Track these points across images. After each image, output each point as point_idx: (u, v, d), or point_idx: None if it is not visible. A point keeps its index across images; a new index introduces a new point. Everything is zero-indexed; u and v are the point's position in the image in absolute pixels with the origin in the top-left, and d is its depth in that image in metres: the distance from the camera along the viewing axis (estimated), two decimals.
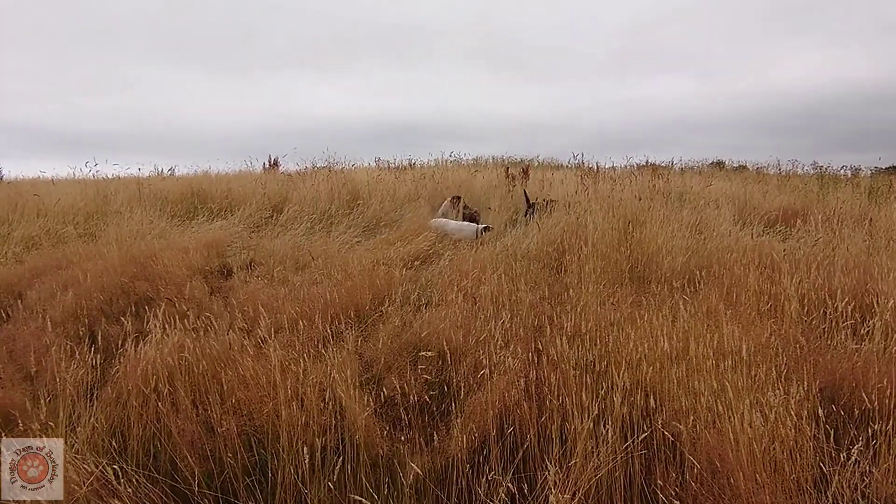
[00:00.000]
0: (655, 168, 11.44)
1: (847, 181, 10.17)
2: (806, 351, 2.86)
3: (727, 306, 3.35)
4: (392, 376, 2.63)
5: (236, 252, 5.32)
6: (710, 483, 2.03)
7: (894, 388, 2.35)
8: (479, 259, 4.53)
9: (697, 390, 2.32)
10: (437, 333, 2.99)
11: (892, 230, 5.91)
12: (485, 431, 2.31)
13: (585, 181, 7.64)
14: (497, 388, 2.45)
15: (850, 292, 3.60)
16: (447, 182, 8.95)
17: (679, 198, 7.98)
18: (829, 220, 6.63)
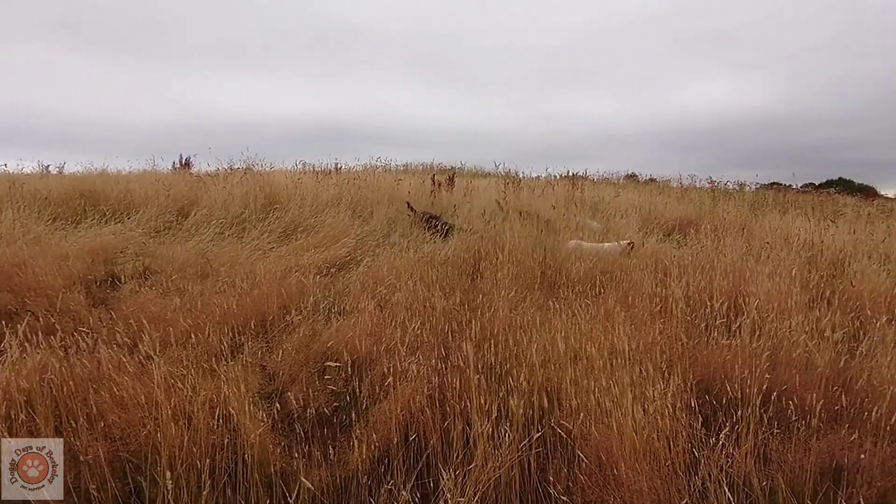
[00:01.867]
0: (574, 179, 12.07)
1: (734, 195, 11.33)
2: (686, 347, 3.13)
3: (623, 308, 3.60)
4: (295, 388, 2.56)
5: (129, 259, 4.85)
6: (597, 475, 2.16)
7: (754, 378, 2.64)
8: (396, 266, 4.50)
9: (589, 389, 2.46)
10: (346, 342, 2.93)
11: (764, 238, 6.68)
12: (388, 440, 2.30)
13: (506, 190, 7.87)
14: (402, 395, 2.45)
15: (726, 293, 4.03)
16: (372, 188, 8.82)
17: (592, 207, 8.48)
18: (716, 229, 7.39)
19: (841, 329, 3.53)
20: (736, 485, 2.27)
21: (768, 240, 6.45)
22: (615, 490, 2.10)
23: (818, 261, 5.76)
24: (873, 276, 5.07)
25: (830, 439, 2.39)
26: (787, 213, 9.08)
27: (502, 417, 2.34)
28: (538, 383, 2.54)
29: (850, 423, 2.52)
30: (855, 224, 8.40)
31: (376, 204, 7.72)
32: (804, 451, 2.33)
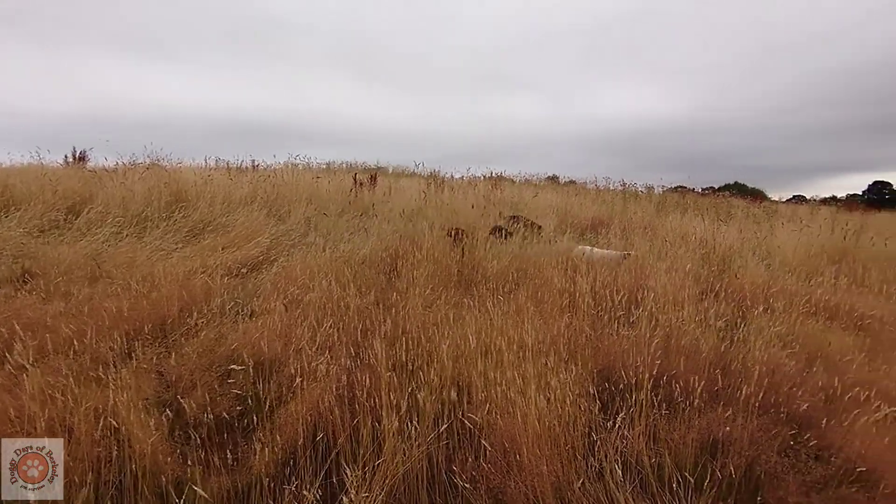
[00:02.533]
0: (496, 180, 12.41)
1: (642, 197, 12.20)
2: (590, 339, 3.34)
3: (534, 304, 3.76)
4: (196, 394, 2.44)
5: (4, 261, 4.35)
6: (501, 462, 2.26)
7: (647, 365, 2.86)
8: (311, 265, 4.40)
9: (497, 381, 2.56)
10: (254, 344, 2.85)
11: (665, 236, 7.28)
12: (294, 442, 2.27)
13: (427, 190, 7.92)
14: (310, 396, 2.42)
15: (628, 288, 4.34)
16: (290, 186, 8.54)
17: (512, 207, 8.75)
18: (625, 228, 7.93)
19: (724, 318, 3.94)
20: (629, 464, 2.47)
21: (669, 238, 7.03)
22: (517, 475, 2.20)
23: (710, 257, 6.36)
24: (754, 270, 5.68)
25: (709, 416, 2.65)
26: (686, 214, 9.93)
27: (412, 413, 2.37)
28: (449, 378, 2.61)
29: (726, 401, 2.80)
30: (743, 224, 9.39)
31: (294, 202, 7.50)
32: (687, 428, 2.57)
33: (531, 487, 2.18)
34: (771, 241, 7.51)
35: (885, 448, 2.36)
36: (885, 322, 4.24)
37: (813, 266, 6.16)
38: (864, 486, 2.25)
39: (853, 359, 3.37)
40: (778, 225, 9.34)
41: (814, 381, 3.02)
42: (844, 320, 4.31)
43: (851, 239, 7.42)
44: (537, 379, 2.60)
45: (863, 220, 11.41)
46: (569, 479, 2.29)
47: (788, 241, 7.35)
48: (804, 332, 3.86)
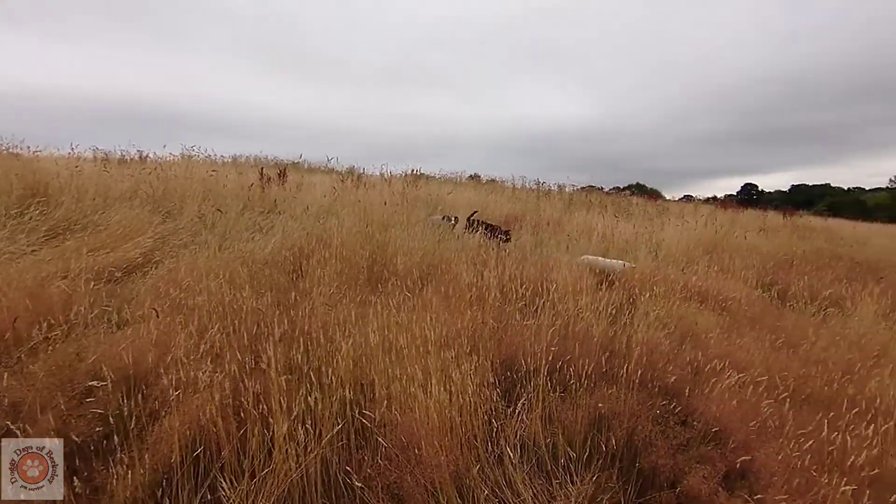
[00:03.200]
0: (416, 177, 12.50)
1: (554, 195, 12.95)
2: (494, 331, 3.53)
3: (442, 299, 3.90)
4: (43, 419, 2.17)
5: None
6: (399, 458, 2.27)
7: (544, 352, 3.10)
8: (201, 266, 4.08)
9: (397, 377, 2.59)
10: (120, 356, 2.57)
11: (571, 231, 7.83)
12: (169, 460, 2.11)
13: (341, 186, 7.81)
14: (189, 408, 2.26)
15: (533, 280, 4.64)
16: (182, 180, 7.78)
17: (428, 204, 8.90)
18: (536, 224, 8.39)
19: (615, 305, 4.35)
20: (527, 446, 2.62)
21: (574, 233, 7.57)
22: (416, 468, 2.23)
23: (609, 249, 6.95)
24: (644, 262, 6.30)
25: (596, 395, 2.93)
26: (591, 211, 10.71)
27: (305, 416, 2.30)
28: (350, 378, 2.57)
29: (611, 380, 3.12)
30: (638, 220, 10.30)
31: (187, 198, 6.88)
32: (577, 408, 2.82)
33: (430, 479, 2.21)
34: (660, 235, 8.34)
35: (733, 409, 2.75)
36: (743, 303, 4.90)
37: (691, 256, 6.95)
38: (718, 444, 2.62)
39: (715, 335, 3.90)
40: (667, 221, 10.38)
41: (683, 356, 3.44)
42: (712, 303, 4.92)
43: (721, 233, 8.46)
44: (439, 372, 2.64)
45: (733, 216, 13.08)
46: (468, 467, 2.35)
47: (673, 236, 8.21)
48: (679, 314, 4.36)
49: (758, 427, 2.64)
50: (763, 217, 13.84)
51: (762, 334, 3.98)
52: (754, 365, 3.35)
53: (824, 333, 4.13)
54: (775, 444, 2.49)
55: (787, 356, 3.62)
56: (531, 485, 2.41)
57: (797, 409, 2.81)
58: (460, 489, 2.28)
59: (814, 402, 3.03)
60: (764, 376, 3.10)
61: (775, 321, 4.51)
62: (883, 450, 2.45)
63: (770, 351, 3.63)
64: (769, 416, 2.70)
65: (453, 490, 2.24)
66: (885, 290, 5.74)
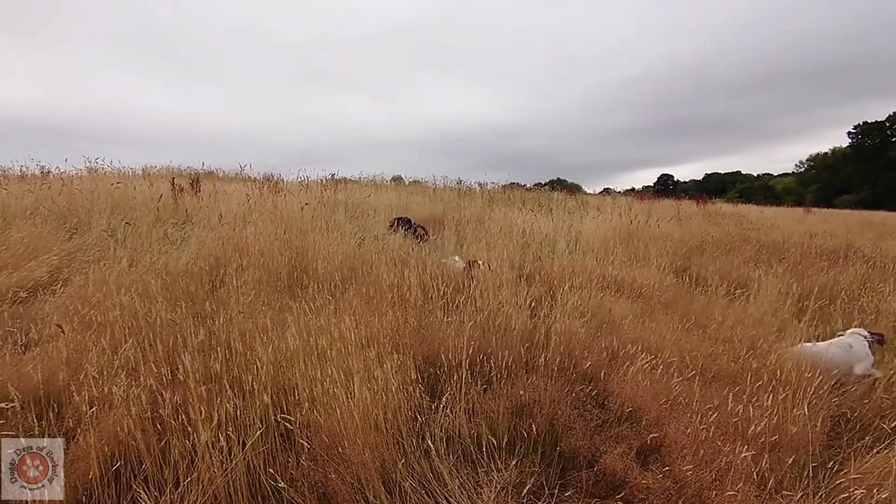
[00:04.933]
0: (337, 181, 12.19)
1: (476, 194, 13.12)
2: (415, 329, 3.47)
3: (363, 301, 3.78)
4: None
5: None
6: (323, 458, 2.29)
7: (465, 346, 3.08)
8: (112, 282, 3.84)
9: (319, 379, 2.58)
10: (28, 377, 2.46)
11: (491, 228, 7.96)
12: (86, 478, 2.05)
13: (258, 193, 7.47)
14: (105, 425, 2.19)
15: (453, 278, 4.63)
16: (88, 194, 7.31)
17: (348, 208, 8.69)
18: (458, 223, 8.44)
19: (534, 298, 4.44)
20: (452, 438, 2.66)
21: (494, 230, 7.70)
22: (341, 467, 2.25)
23: (529, 244, 7.12)
24: (563, 254, 6.52)
25: (516, 385, 2.95)
26: (513, 208, 10.96)
27: (227, 424, 2.27)
28: (271, 383, 2.55)
29: (531, 369, 3.17)
30: (558, 214, 10.68)
31: (94, 213, 6.53)
32: (499, 398, 2.83)
33: (355, 476, 2.24)
34: (579, 228, 8.69)
35: (646, 390, 2.89)
36: (656, 289, 5.19)
37: (608, 247, 7.29)
38: (632, 423, 2.73)
39: (629, 321, 4.08)
40: (586, 214, 10.86)
41: (600, 343, 3.57)
42: (627, 291, 5.17)
43: (636, 223, 8.96)
44: (362, 372, 2.66)
45: (650, 206, 13.93)
46: (394, 461, 2.41)
47: (591, 228, 8.59)
48: (596, 303, 4.54)
49: (669, 404, 2.76)
50: (678, 206, 14.56)
51: (674, 318, 4.20)
52: (666, 347, 3.52)
53: (731, 314, 4.42)
54: (685, 419, 2.61)
55: (698, 337, 3.84)
56: (457, 474, 2.49)
57: (705, 386, 2.99)
58: (387, 483, 2.34)
59: (721, 377, 3.22)
60: (675, 357, 3.27)
61: (687, 305, 4.78)
62: (782, 417, 2.64)
63: (681, 333, 3.83)
64: (679, 394, 2.83)
65: (380, 485, 2.29)
66: (787, 269, 6.31)
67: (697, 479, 2.25)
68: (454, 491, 2.40)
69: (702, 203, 16.07)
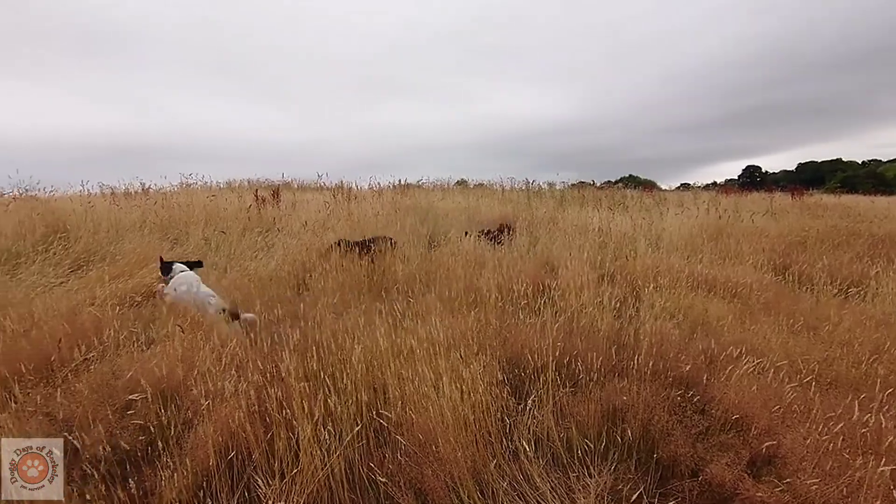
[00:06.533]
0: (404, 187, 12.45)
1: (545, 194, 12.86)
2: (497, 330, 3.44)
3: (444, 302, 3.81)
4: (93, 430, 2.29)
5: None
6: (417, 455, 2.33)
7: (550, 348, 3.00)
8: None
9: (409, 378, 2.63)
10: (152, 372, 2.71)
11: (567, 228, 7.74)
12: (206, 464, 2.20)
13: (331, 202, 7.81)
14: (219, 417, 2.36)
15: (531, 279, 4.54)
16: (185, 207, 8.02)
17: (419, 212, 8.84)
18: (529, 224, 8.30)
19: (618, 299, 4.25)
20: (541, 441, 2.61)
21: (569, 230, 7.48)
22: (435, 464, 2.28)
23: (607, 244, 6.85)
24: (645, 253, 6.19)
25: (608, 388, 2.83)
26: (585, 207, 10.62)
27: (326, 419, 2.38)
28: (363, 381, 2.64)
29: (622, 372, 3.02)
30: (635, 212, 10.20)
31: (191, 224, 7.16)
32: (589, 401, 2.73)
33: (449, 474, 2.26)
34: (659, 226, 8.24)
35: (754, 396, 2.66)
36: (754, 289, 4.79)
37: (695, 245, 6.85)
38: (740, 431, 2.52)
39: (728, 323, 3.78)
40: (666, 211, 10.28)
41: (695, 345, 3.34)
42: (721, 290, 4.82)
43: (725, 218, 8.34)
44: (450, 372, 2.69)
45: (737, 201, 12.91)
46: (485, 462, 2.39)
47: (674, 225, 8.10)
48: (687, 304, 4.27)
49: (781, 412, 2.54)
50: (769, 199, 13.39)
51: (778, 319, 3.86)
52: (772, 350, 3.25)
53: (847, 314, 4.00)
54: (802, 428, 2.40)
55: (808, 340, 3.52)
56: (548, 478, 2.41)
57: (823, 393, 2.71)
58: (479, 483, 2.32)
59: (840, 384, 2.93)
60: (784, 361, 2.98)
61: (791, 305, 4.39)
62: None
63: (788, 335, 3.52)
64: (793, 401, 2.58)
65: (473, 484, 2.29)
66: None
67: (823, 494, 2.03)
68: (546, 495, 2.33)
69: (798, 195, 14.64)
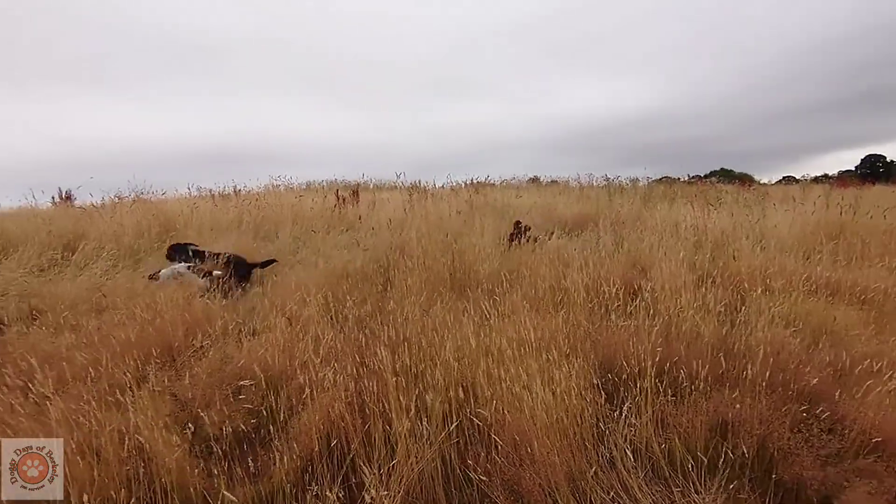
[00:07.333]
0: (477, 185, 12.33)
1: (627, 190, 12.16)
2: (588, 332, 3.27)
3: (529, 302, 3.69)
4: (210, 411, 2.48)
5: (11, 301, 4.43)
6: (512, 455, 2.28)
7: (648, 353, 2.79)
8: (305, 281, 4.37)
9: (501, 378, 2.57)
10: (259, 361, 2.88)
11: (655, 226, 7.23)
12: (310, 449, 2.31)
13: (407, 200, 7.95)
14: (320, 405, 2.46)
15: (622, 279, 4.27)
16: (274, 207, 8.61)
17: (496, 210, 8.73)
18: (613, 222, 7.88)
19: (722, 302, 3.87)
20: (639, 450, 2.44)
21: (659, 228, 6.99)
22: (530, 466, 2.21)
23: (703, 243, 6.30)
24: (750, 254, 5.62)
25: (716, 399, 2.59)
26: (674, 203, 9.90)
27: (421, 414, 2.40)
28: (453, 379, 2.62)
29: (732, 382, 2.74)
30: (734, 209, 9.33)
31: (280, 223, 7.63)
32: (694, 412, 2.50)
33: (545, 478, 2.18)
34: (764, 224, 7.46)
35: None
36: (890, 294, 4.16)
37: (810, 244, 6.11)
38: (882, 456, 2.18)
39: (860, 333, 3.31)
40: (770, 207, 9.32)
41: (821, 357, 2.97)
42: (847, 296, 4.25)
43: (848, 214, 7.35)
44: (543, 374, 2.59)
45: (857, 194, 11.35)
46: (581, 468, 2.28)
47: (783, 222, 7.29)
48: (806, 310, 3.80)
49: None
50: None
51: None
52: None
53: None
54: None
55: None
56: (649, 491, 2.27)
57: None
58: (575, 490, 2.23)
59: None
60: None
61: None
62: None
63: None
64: None
65: (569, 491, 2.19)
66: None
67: None
68: None
69: None
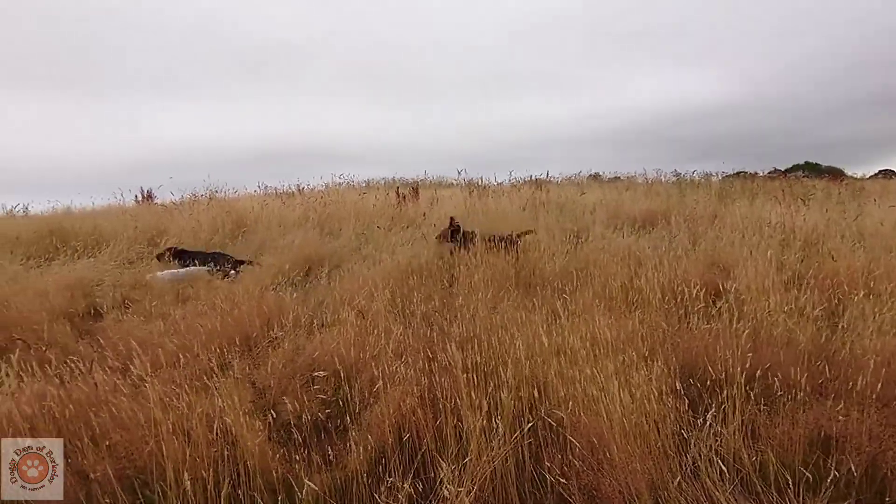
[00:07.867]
0: (538, 182, 12.06)
1: (701, 186, 11.48)
2: (667, 334, 3.12)
3: (601, 301, 3.58)
4: (287, 399, 2.56)
5: (107, 291, 4.86)
6: (589, 459, 2.19)
7: (737, 359, 2.62)
8: (370, 276, 4.47)
9: (575, 378, 2.48)
10: (331, 353, 2.95)
11: (735, 225, 6.77)
12: (383, 441, 2.33)
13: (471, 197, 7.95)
14: (392, 398, 2.48)
15: (702, 279, 4.04)
16: (337, 205, 8.92)
17: (558, 207, 8.54)
18: (687, 219, 7.47)
19: (819, 306, 3.55)
20: (726, 461, 2.27)
21: (741, 226, 6.54)
22: (609, 472, 2.11)
23: (791, 242, 5.83)
24: (848, 254, 5.13)
25: (816, 411, 2.40)
26: (756, 200, 9.24)
27: (493, 411, 2.36)
28: (525, 377, 2.57)
29: (836, 394, 2.52)
30: (826, 205, 8.56)
31: (344, 220, 7.87)
32: (791, 423, 2.33)
33: (625, 485, 2.08)
34: (862, 222, 6.80)
35: None
36: None
37: None
38: None
39: None
40: (869, 203, 8.48)
41: None
42: None
43: None
44: (617, 376, 2.47)
45: None
46: (663, 477, 2.16)
47: (887, 220, 6.60)
48: None
49: None
50: None
51: None
52: None
53: None
54: None
55: None
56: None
57: None
58: (657, 501, 2.11)
59: None
60: None
61: None
62: None
63: None
64: None
65: (651, 501, 2.09)
66: None
67: None
68: None
69: None
